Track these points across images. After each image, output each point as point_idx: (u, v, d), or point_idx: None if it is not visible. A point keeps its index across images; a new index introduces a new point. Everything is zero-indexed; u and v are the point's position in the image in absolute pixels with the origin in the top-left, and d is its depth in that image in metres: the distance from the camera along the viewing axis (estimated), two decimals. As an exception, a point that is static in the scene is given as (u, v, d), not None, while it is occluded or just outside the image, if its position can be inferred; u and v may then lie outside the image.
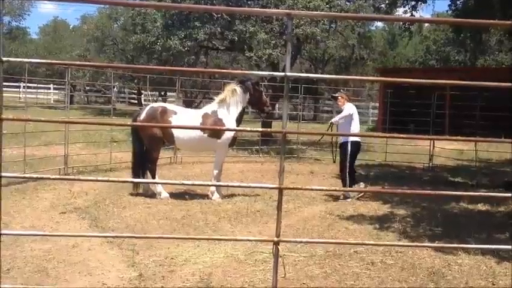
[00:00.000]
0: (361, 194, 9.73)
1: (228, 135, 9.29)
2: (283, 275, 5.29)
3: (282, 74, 2.91)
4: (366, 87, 37.59)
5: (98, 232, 6.77)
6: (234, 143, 9.76)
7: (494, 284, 5.44)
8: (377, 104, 29.73)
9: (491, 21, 2.55)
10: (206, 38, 17.90)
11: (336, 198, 9.61)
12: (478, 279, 5.54)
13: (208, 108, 9.61)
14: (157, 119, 9.01)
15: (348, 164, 9.70)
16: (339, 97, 10.00)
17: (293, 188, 3.12)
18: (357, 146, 9.87)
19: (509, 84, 2.62)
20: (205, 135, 9.15)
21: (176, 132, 9.10)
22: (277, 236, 3.11)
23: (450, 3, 13.03)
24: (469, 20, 2.56)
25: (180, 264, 5.66)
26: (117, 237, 6.10)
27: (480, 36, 13.23)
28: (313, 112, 34.92)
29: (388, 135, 11.84)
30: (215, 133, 9.11)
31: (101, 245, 6.15)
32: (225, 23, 17.22)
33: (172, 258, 5.80)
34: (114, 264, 5.57)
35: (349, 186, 9.51)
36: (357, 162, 14.87)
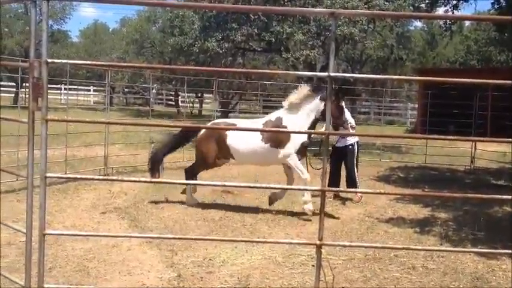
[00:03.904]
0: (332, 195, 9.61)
1: (293, 142, 8.02)
2: (322, 279, 5.22)
3: (325, 74, 2.86)
4: (404, 87, 36.99)
5: (137, 232, 6.85)
6: (304, 151, 8.25)
7: (541, 291, 5.25)
8: (416, 105, 29.21)
9: None
10: (243, 39, 17.96)
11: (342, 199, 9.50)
12: (524, 286, 5.36)
13: (274, 114, 8.50)
14: (215, 135, 8.28)
15: (354, 164, 9.50)
16: None
17: (336, 190, 3.07)
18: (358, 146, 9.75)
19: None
20: (267, 145, 8.07)
21: (233, 145, 8.18)
22: (320, 239, 3.06)
23: (493, 1, 12.68)
24: None
25: (218, 266, 5.65)
26: (156, 238, 6.14)
27: (524, 35, 12.85)
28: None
29: (426, 136, 11.60)
30: (277, 142, 8.02)
31: (140, 245, 6.20)
32: (262, 24, 17.25)
33: (210, 259, 5.81)
34: (153, 265, 5.61)
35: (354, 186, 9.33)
36: (396, 164, 14.80)
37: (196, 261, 5.72)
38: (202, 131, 8.54)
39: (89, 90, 36.49)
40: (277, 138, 8.02)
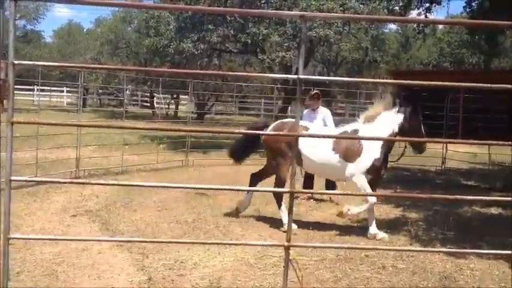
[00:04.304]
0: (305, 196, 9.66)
1: (366, 158, 7.41)
2: (293, 280, 5.25)
3: (295, 76, 2.89)
4: (379, 89, 37.39)
5: (108, 235, 6.79)
6: (375, 171, 7.53)
7: (507, 290, 5.36)
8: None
9: (508, 22, 2.50)
10: (219, 40, 17.94)
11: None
12: (490, 284, 5.47)
13: (350, 126, 7.87)
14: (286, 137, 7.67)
15: None
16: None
17: (304, 192, 3.09)
18: None
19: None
20: (336, 156, 7.49)
21: (304, 150, 7.56)
22: (288, 240, 3.08)
23: (465, 4, 12.92)
24: (484, 21, 2.53)
25: (190, 268, 5.64)
26: (126, 241, 6.11)
27: (495, 38, 13.09)
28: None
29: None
30: (349, 156, 7.45)
31: (110, 249, 6.15)
32: (238, 26, 17.25)
33: (182, 262, 5.79)
34: (124, 268, 5.57)
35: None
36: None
37: (167, 264, 5.70)
38: (269, 129, 7.87)
39: (62, 91, 36.04)
40: (349, 150, 7.44)
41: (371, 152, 7.40)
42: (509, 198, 2.76)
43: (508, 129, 19.49)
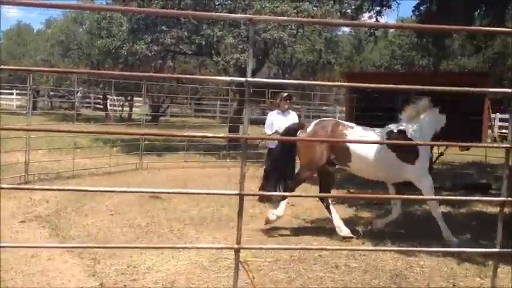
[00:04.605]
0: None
1: (425, 157, 7.18)
2: (247, 281, 5.26)
3: (243, 79, 2.88)
4: (333, 91, 37.93)
5: (58, 241, 6.63)
6: (431, 169, 7.44)
7: (454, 285, 5.52)
8: (344, 108, 29.99)
9: (453, 26, 2.58)
10: (173, 42, 17.79)
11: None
12: (439, 281, 5.62)
13: (394, 126, 7.59)
14: (326, 134, 7.29)
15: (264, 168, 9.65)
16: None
17: (253, 194, 3.09)
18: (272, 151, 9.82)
19: (475, 89, 2.64)
20: (393, 155, 7.13)
21: (356, 149, 7.17)
22: (238, 243, 3.07)
23: (414, 8, 13.26)
24: (430, 25, 2.59)
25: (143, 273, 5.57)
26: (77, 247, 5.97)
27: (443, 41, 13.49)
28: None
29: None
30: (406, 156, 7.10)
31: (61, 255, 6.01)
32: (193, 27, 17.15)
33: (134, 267, 5.71)
34: (74, 274, 5.45)
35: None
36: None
37: (119, 269, 5.61)
38: (309, 128, 7.48)
39: (12, 94, 34.97)
40: (408, 149, 7.07)
41: (427, 152, 7.25)
42: (455, 198, 2.85)
43: (453, 130, 20.15)
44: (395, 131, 7.38)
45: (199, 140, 16.76)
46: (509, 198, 2.50)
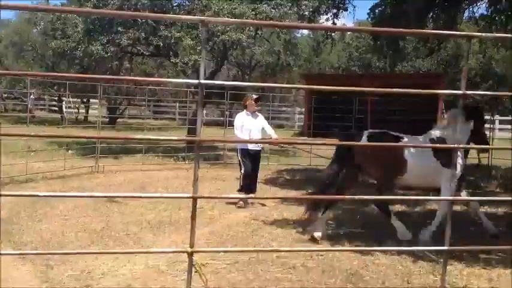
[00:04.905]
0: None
1: (459, 169, 7.34)
2: (203, 285, 5.22)
3: (196, 81, 2.86)
4: (293, 93, 38.21)
5: (10, 247, 6.43)
6: (463, 179, 7.66)
7: (409, 283, 5.63)
8: (303, 109, 30.25)
9: (406, 29, 2.62)
10: (130, 43, 17.56)
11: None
12: (394, 279, 5.72)
13: (433, 133, 7.75)
14: (390, 150, 7.22)
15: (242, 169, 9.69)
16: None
17: (207, 197, 3.07)
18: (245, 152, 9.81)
19: (431, 90, 2.67)
20: (439, 163, 7.27)
21: (411, 160, 7.25)
22: (191, 246, 3.04)
23: (369, 11, 13.47)
24: (384, 28, 2.65)
25: (98, 278, 5.46)
26: (27, 254, 5.81)
27: (397, 44, 13.77)
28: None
29: (311, 142, 12.09)
30: (447, 161, 7.18)
31: (13, 261, 5.82)
32: (150, 28, 16.96)
33: (89, 272, 5.60)
34: (26, 281, 5.29)
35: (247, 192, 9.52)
36: (283, 167, 15.21)
37: (73, 275, 5.49)
38: (363, 140, 7.33)
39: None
40: (448, 157, 7.08)
41: (462, 160, 7.43)
42: (414, 198, 2.89)
43: (412, 131, 20.63)
44: (435, 138, 7.55)
45: (157, 142, 16.57)
46: (457, 198, 2.56)
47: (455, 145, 6.19)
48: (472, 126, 7.48)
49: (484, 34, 2.66)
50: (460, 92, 2.24)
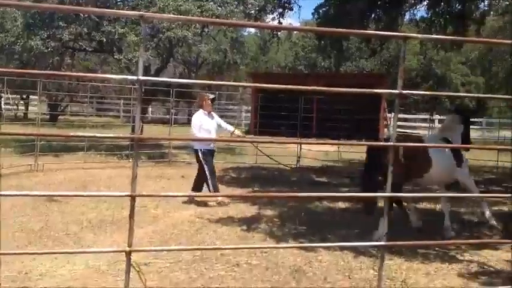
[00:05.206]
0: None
1: (466, 163, 8.20)
2: (145, 284, 5.13)
3: (135, 77, 2.79)
4: (239, 91, 38.25)
5: None
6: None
7: (350, 278, 5.74)
8: (250, 108, 30.35)
9: (348, 30, 2.65)
10: (72, 38, 17.11)
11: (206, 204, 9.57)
12: (336, 274, 5.81)
13: (439, 135, 8.57)
14: (417, 149, 7.53)
15: (206, 170, 9.64)
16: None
17: (145, 195, 3.01)
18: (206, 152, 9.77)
19: (368, 90, 2.72)
20: (454, 162, 7.87)
21: (435, 159, 7.64)
22: (130, 245, 2.98)
23: (314, 11, 13.67)
24: (327, 28, 2.68)
25: (35, 279, 5.28)
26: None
27: (341, 44, 14.04)
28: (187, 116, 34.78)
29: (258, 140, 12.12)
30: (460, 161, 7.93)
31: None
32: (93, 24, 16.58)
33: (26, 273, 5.40)
34: (-42, 284, 5.05)
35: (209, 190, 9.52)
36: (229, 165, 15.19)
37: (9, 276, 5.28)
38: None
39: None
40: (460, 156, 7.94)
41: (465, 157, 8.17)
42: (355, 195, 2.94)
43: (354, 129, 21.11)
44: (440, 139, 8.30)
45: (100, 140, 16.22)
46: (394, 194, 2.61)
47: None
48: (463, 129, 8.30)
49: (420, 35, 2.73)
50: (396, 91, 2.29)
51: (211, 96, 10.25)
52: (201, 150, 9.65)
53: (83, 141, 14.97)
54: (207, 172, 9.56)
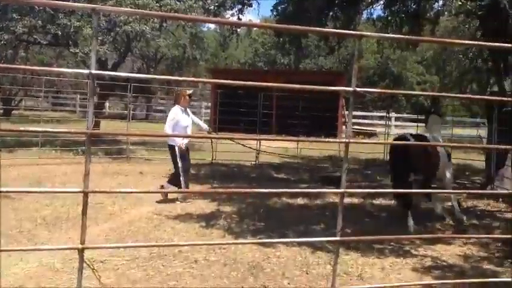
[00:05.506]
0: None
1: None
2: (103, 281, 5.07)
3: (87, 71, 2.74)
4: (199, 87, 38.06)
5: None
6: None
7: (308, 273, 5.80)
8: (209, 104, 30.25)
9: (305, 27, 2.66)
10: (26, 31, 16.62)
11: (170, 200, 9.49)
12: (294, 270, 5.87)
13: (430, 135, 8.95)
14: (427, 148, 8.28)
15: (180, 166, 9.57)
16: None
17: (99, 192, 2.96)
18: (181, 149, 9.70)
19: (322, 87, 2.74)
20: (447, 159, 8.85)
21: (442, 155, 8.62)
22: (82, 242, 2.93)
23: (272, 8, 13.71)
24: (285, 25, 2.68)
25: (-14, 279, 5.12)
26: None
27: (299, 41, 14.13)
28: (145, 111, 34.38)
29: (216, 136, 12.12)
30: (449, 156, 8.98)
31: None
32: (48, 16, 16.16)
33: (-23, 273, 5.23)
34: None
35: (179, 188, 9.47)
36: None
37: (-42, 276, 5.11)
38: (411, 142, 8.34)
39: None
40: (449, 153, 8.99)
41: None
42: (312, 191, 2.96)
43: (313, 126, 21.32)
44: (430, 137, 8.83)
45: (55, 136, 15.85)
46: (348, 190, 2.65)
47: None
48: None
49: (375, 34, 2.78)
50: (351, 88, 2.33)
51: (190, 91, 10.11)
52: (175, 146, 9.54)
53: (37, 137, 14.61)
54: (180, 169, 9.49)
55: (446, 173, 8.78)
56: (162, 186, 9.54)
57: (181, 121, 9.53)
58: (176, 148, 9.48)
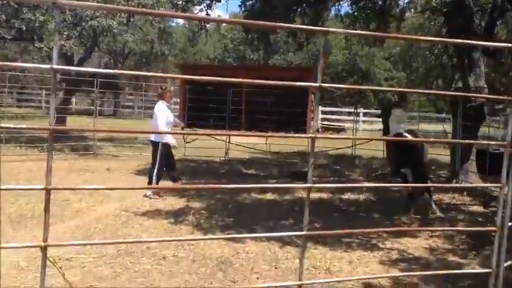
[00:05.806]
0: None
1: None
2: (69, 279, 4.99)
3: (48, 66, 2.69)
4: (168, 82, 37.77)
5: None
6: None
7: (277, 268, 5.83)
8: (178, 100, 30.03)
9: (274, 23, 2.66)
10: (-12, 26, 16.24)
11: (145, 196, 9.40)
12: (263, 264, 5.89)
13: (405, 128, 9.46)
14: (417, 144, 8.84)
15: (158, 163, 9.49)
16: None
17: (62, 189, 2.91)
18: (167, 146, 9.64)
19: (289, 82, 2.75)
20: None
21: (425, 152, 9.25)
22: (45, 240, 2.88)
23: (241, 3, 13.69)
24: (254, 21, 2.69)
25: None
26: None
27: (268, 37, 14.16)
28: (113, 107, 33.96)
29: (187, 132, 12.05)
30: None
31: None
32: (12, 11, 15.81)
33: None
34: None
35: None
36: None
37: None
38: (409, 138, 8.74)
39: None
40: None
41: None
42: (282, 186, 2.98)
43: (282, 122, 21.43)
44: (404, 132, 9.15)
45: (20, 132, 15.53)
46: (315, 185, 2.66)
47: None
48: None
49: (340, 30, 2.81)
50: (316, 84, 2.34)
51: (172, 87, 10.27)
52: (161, 143, 9.46)
53: (1, 133, 14.28)
54: (158, 165, 9.42)
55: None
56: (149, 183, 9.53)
57: (169, 117, 9.60)
58: (160, 145, 9.44)
